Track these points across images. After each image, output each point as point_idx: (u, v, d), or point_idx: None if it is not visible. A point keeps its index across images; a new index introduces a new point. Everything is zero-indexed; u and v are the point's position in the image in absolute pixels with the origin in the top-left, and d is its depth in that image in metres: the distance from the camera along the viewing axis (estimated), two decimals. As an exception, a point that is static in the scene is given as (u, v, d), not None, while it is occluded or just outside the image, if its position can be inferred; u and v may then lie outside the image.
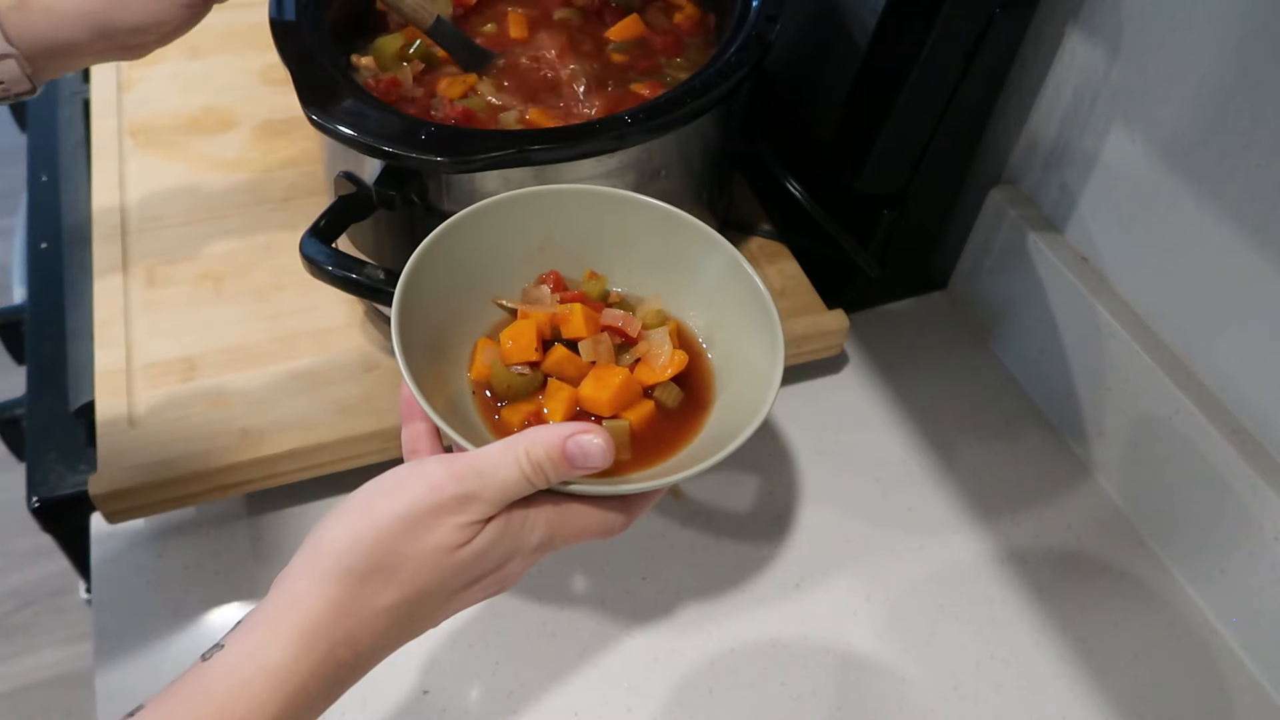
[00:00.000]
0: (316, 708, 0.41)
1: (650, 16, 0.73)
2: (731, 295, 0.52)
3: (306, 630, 0.40)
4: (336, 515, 0.42)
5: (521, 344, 0.49)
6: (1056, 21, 0.69)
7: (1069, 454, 0.75)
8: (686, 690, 0.61)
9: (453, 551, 0.41)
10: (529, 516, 0.43)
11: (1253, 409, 0.62)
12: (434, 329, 0.50)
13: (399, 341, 0.46)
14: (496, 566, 0.43)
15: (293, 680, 0.39)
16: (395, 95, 0.65)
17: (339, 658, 0.40)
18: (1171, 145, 0.63)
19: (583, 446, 0.42)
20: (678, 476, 0.45)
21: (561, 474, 0.42)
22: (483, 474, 0.41)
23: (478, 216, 0.51)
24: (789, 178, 0.76)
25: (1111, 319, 0.69)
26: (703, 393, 0.51)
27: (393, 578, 0.41)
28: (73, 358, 0.72)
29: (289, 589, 0.41)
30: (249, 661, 0.39)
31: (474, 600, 0.45)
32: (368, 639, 0.41)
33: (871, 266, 0.76)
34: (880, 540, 0.69)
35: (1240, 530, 0.62)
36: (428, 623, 0.44)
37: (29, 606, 1.44)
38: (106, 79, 0.87)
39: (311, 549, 0.42)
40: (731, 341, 0.52)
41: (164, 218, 0.77)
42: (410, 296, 0.48)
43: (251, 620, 0.41)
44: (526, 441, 0.42)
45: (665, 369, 0.50)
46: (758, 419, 0.46)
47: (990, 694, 0.62)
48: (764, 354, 0.49)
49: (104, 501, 0.60)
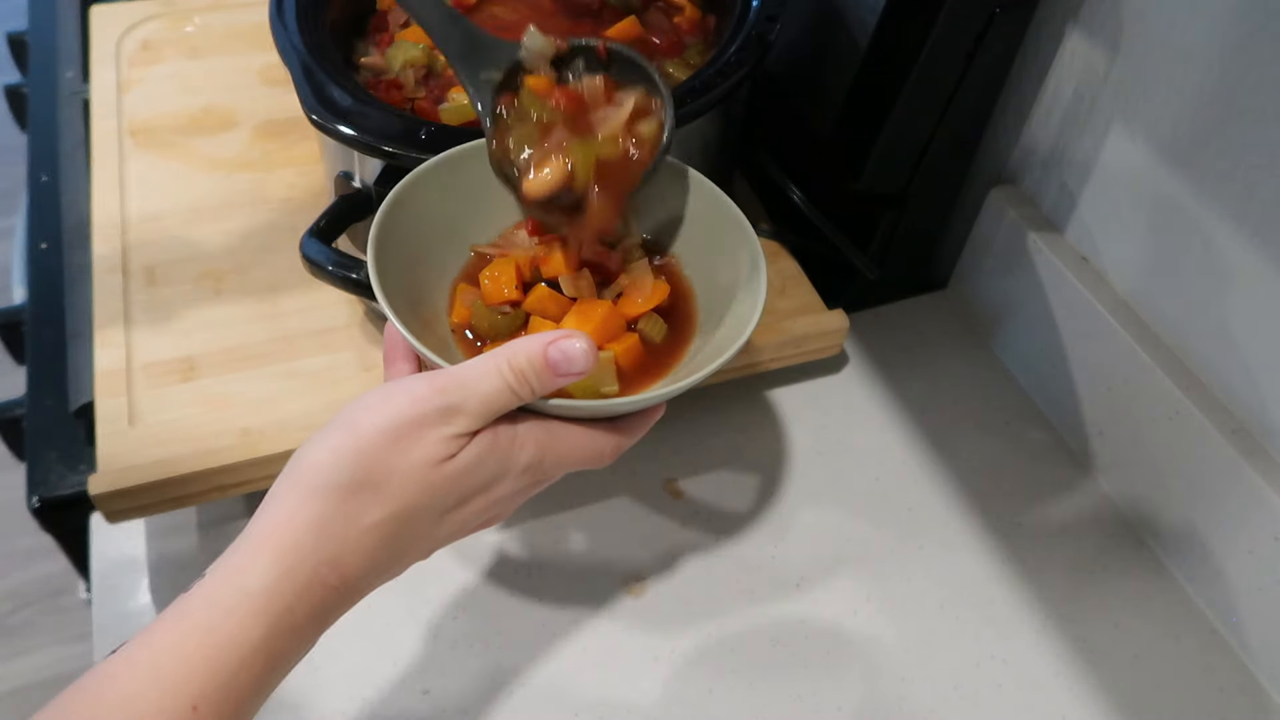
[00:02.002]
0: (305, 634, 0.39)
1: (650, 17, 0.73)
2: (711, 225, 0.52)
3: (288, 550, 0.38)
4: (317, 435, 0.41)
5: (501, 282, 0.48)
6: (1056, 21, 0.69)
7: (1069, 454, 0.75)
8: (686, 690, 0.61)
9: (439, 464, 0.40)
10: (517, 433, 0.42)
11: (1253, 409, 0.62)
12: (414, 277, 0.49)
13: (378, 282, 0.45)
14: (486, 486, 0.42)
15: (277, 603, 0.38)
16: (396, 96, 0.65)
17: (325, 580, 0.39)
18: (1171, 145, 0.63)
19: (564, 350, 0.41)
20: (662, 393, 0.44)
21: (545, 382, 0.41)
22: (465, 385, 0.40)
23: (453, 162, 0.51)
24: (787, 181, 0.76)
25: (1111, 319, 0.69)
26: (688, 323, 0.51)
27: (377, 492, 0.40)
28: (73, 358, 0.72)
29: (270, 511, 0.40)
30: (229, 587, 0.38)
31: (466, 527, 0.43)
32: (354, 560, 0.40)
33: (871, 269, 0.76)
34: (880, 540, 0.69)
35: (1240, 530, 0.62)
36: (416, 548, 0.42)
37: (29, 606, 1.44)
38: (106, 79, 0.87)
39: (292, 470, 0.40)
40: (714, 272, 0.52)
41: (164, 218, 0.77)
42: (386, 238, 0.47)
43: (233, 548, 0.39)
44: (509, 352, 0.41)
45: (647, 300, 0.49)
46: (741, 339, 0.46)
47: (990, 694, 0.62)
48: (746, 279, 0.49)
49: (104, 501, 0.60)
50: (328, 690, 0.60)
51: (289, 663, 0.39)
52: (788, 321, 0.73)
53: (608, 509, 0.69)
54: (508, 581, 0.65)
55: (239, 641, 0.37)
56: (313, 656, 0.41)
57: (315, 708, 0.59)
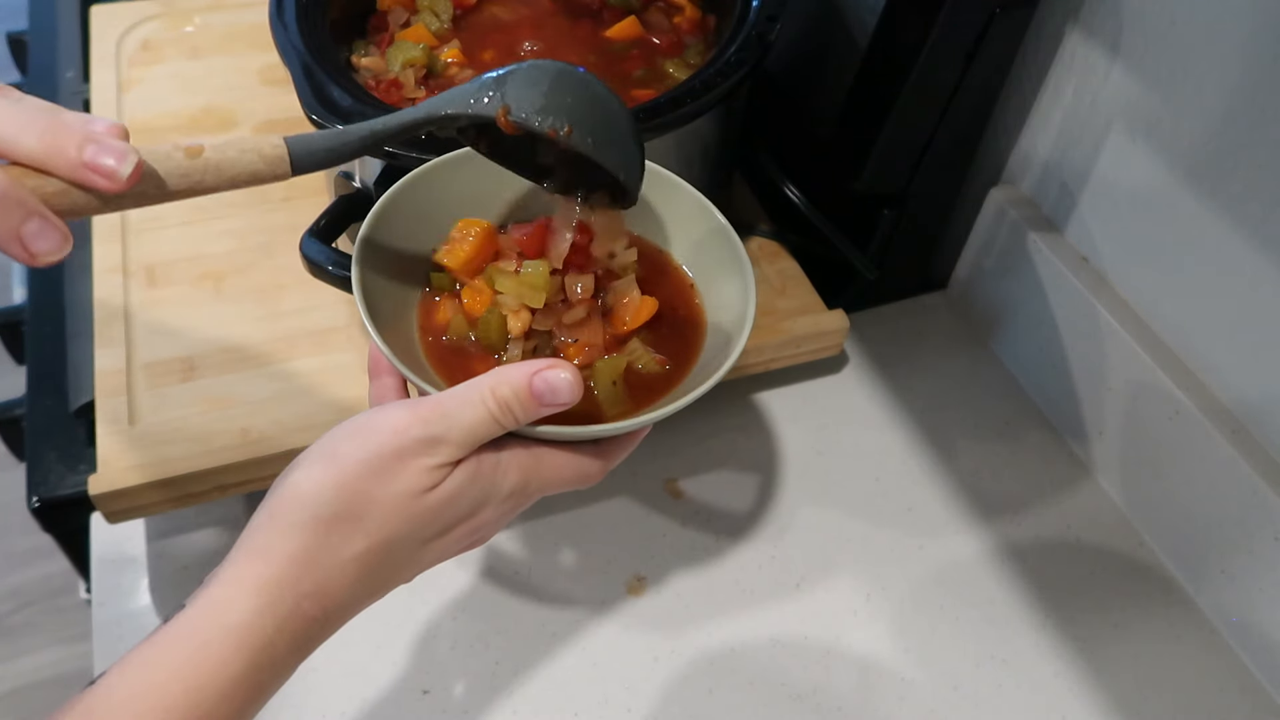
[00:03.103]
0: (285, 665, 0.39)
1: (650, 17, 0.73)
2: (701, 242, 0.52)
3: (270, 584, 0.38)
4: (299, 464, 0.40)
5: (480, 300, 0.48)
6: (1056, 21, 0.69)
7: (1069, 454, 0.75)
8: (686, 690, 0.61)
9: (421, 495, 0.40)
10: (501, 460, 0.42)
11: (1253, 409, 0.62)
12: (397, 290, 0.49)
13: (361, 296, 0.45)
14: (469, 514, 0.42)
15: (258, 637, 0.37)
16: (396, 96, 0.65)
17: (306, 612, 0.39)
18: (1171, 145, 0.63)
19: (550, 382, 0.41)
20: (648, 418, 0.44)
21: (530, 412, 0.41)
22: (448, 415, 0.40)
23: (444, 167, 0.50)
24: (787, 182, 0.76)
25: (1111, 319, 0.69)
26: (693, 347, 0.51)
27: (360, 525, 0.39)
28: (73, 358, 0.72)
29: (251, 542, 0.39)
30: (209, 620, 0.37)
31: (447, 553, 0.43)
32: (337, 591, 0.39)
33: (870, 270, 0.76)
34: (880, 540, 0.69)
35: (1240, 530, 0.62)
36: (399, 575, 0.42)
37: (29, 606, 1.44)
38: (107, 79, 0.87)
39: (274, 500, 0.40)
40: (707, 288, 0.52)
41: (164, 218, 0.77)
42: (370, 252, 0.47)
43: (214, 578, 0.39)
44: (492, 381, 0.40)
45: (635, 318, 0.49)
46: (725, 365, 0.45)
47: (990, 694, 0.62)
48: (736, 298, 0.49)
49: (104, 501, 0.60)
50: (328, 690, 0.60)
51: (269, 692, 0.39)
52: (788, 321, 0.73)
53: (608, 509, 0.69)
54: (508, 581, 0.65)
55: (219, 675, 0.37)
56: (313, 656, 0.41)
57: (315, 708, 0.59)
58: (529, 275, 0.47)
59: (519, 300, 0.47)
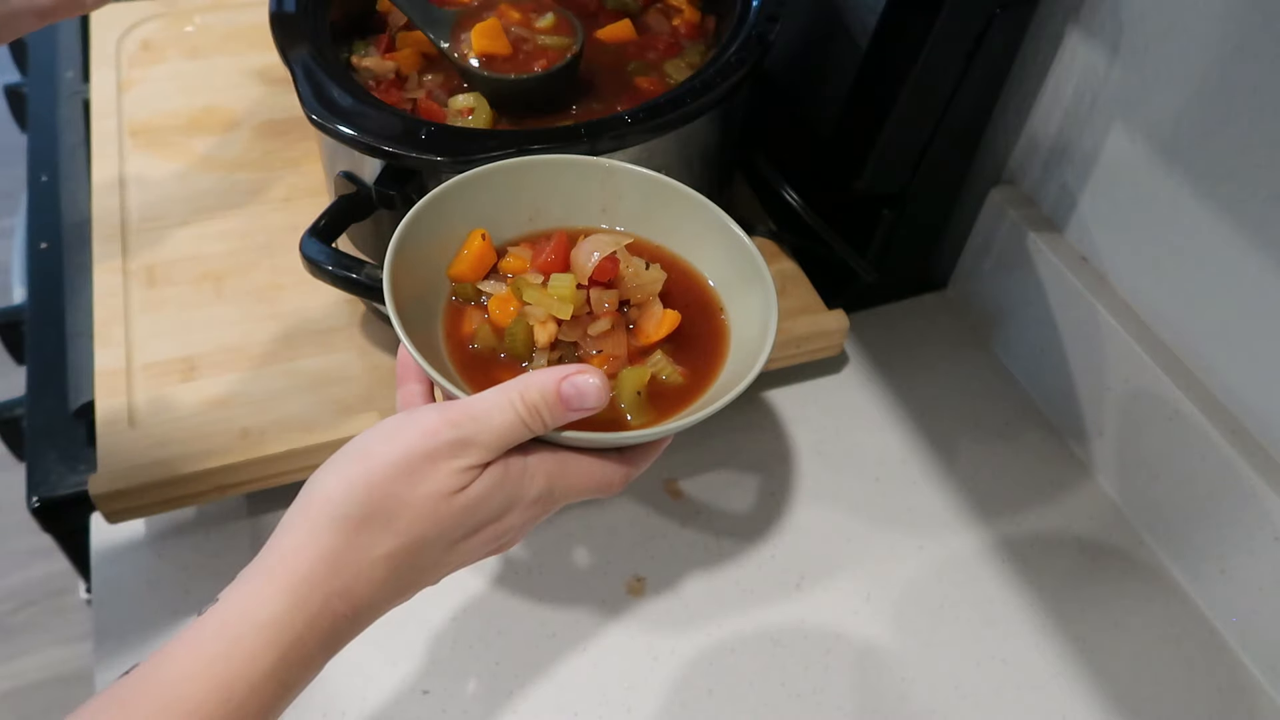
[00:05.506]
0: (315, 662, 0.40)
1: (649, 19, 0.73)
2: (725, 259, 0.52)
3: (301, 582, 0.39)
4: (330, 465, 0.41)
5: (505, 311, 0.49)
6: (1056, 21, 0.69)
7: (1069, 454, 0.75)
8: (686, 690, 0.61)
9: (450, 497, 0.41)
10: (528, 465, 0.43)
11: (1253, 409, 0.62)
12: (425, 299, 0.50)
13: (392, 305, 0.45)
14: (496, 516, 0.43)
15: (288, 634, 0.38)
16: (396, 95, 0.65)
17: (335, 610, 0.39)
18: (1171, 145, 0.63)
19: (578, 386, 0.41)
20: (673, 426, 0.45)
21: (558, 416, 0.42)
22: (478, 419, 0.41)
23: (468, 184, 0.51)
24: (785, 185, 0.76)
25: (1111, 319, 0.69)
26: (716, 359, 0.51)
27: (389, 525, 0.40)
28: (73, 358, 0.72)
29: (283, 540, 0.40)
30: (242, 617, 0.38)
31: (473, 556, 0.44)
32: (365, 591, 0.40)
33: (870, 273, 0.76)
34: (880, 540, 0.69)
35: (1240, 530, 0.62)
36: (427, 576, 0.43)
37: (29, 606, 1.44)
38: (106, 79, 0.87)
39: (305, 499, 0.41)
40: (730, 301, 0.52)
41: (164, 218, 0.77)
42: (402, 260, 0.47)
43: (246, 574, 0.40)
44: (521, 385, 0.41)
45: (657, 329, 0.50)
46: (747, 379, 0.45)
47: (990, 694, 0.62)
48: (758, 315, 0.49)
49: (104, 501, 0.60)
50: (328, 690, 0.60)
51: (299, 687, 0.40)
52: (788, 321, 0.73)
53: (608, 509, 0.69)
54: (508, 581, 0.65)
55: (249, 670, 0.37)
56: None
57: (315, 708, 0.59)
58: (557, 288, 0.48)
59: (546, 311, 0.48)
